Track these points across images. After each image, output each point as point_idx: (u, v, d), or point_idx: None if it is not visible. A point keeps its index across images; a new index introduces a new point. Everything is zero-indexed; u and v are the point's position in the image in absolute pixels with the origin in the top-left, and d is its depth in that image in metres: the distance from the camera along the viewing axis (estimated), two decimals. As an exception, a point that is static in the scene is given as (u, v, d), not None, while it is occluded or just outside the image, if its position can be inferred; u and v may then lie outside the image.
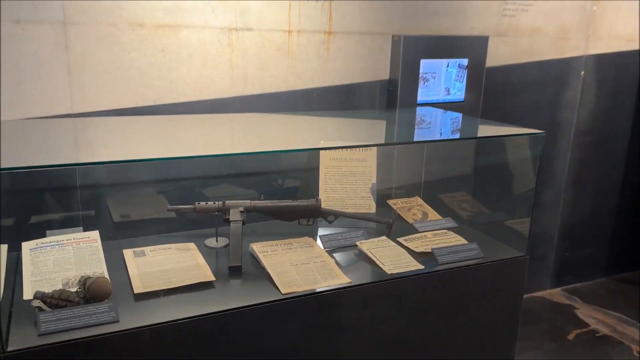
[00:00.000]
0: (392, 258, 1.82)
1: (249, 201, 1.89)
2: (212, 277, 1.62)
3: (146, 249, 1.81)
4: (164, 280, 1.59)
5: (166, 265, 1.69)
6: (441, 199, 2.46)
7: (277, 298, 1.55)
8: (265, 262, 1.73)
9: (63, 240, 1.73)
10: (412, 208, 2.32)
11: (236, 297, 1.56)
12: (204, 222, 2.01)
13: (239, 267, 1.70)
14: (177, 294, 1.55)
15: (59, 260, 1.66)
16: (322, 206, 2.05)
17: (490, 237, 2.11)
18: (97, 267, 1.66)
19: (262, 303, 1.52)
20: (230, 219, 1.83)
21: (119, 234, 1.99)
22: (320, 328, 1.62)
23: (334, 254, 1.86)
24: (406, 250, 1.90)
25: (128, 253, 1.77)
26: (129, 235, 1.99)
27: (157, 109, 2.11)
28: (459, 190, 2.52)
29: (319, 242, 1.91)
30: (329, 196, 2.13)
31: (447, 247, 1.89)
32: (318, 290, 1.61)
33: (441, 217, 2.25)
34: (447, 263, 1.83)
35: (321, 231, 2.05)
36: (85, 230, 1.82)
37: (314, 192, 2.15)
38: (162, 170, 2.10)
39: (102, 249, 1.76)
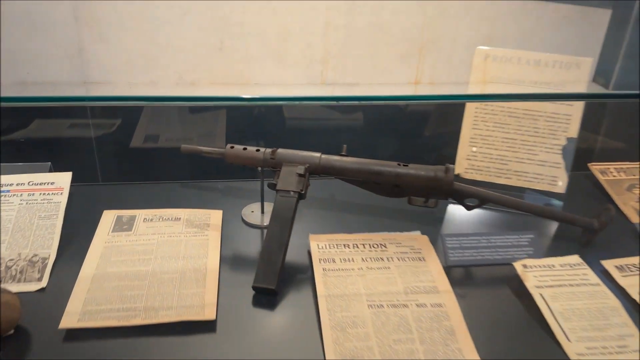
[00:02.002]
0: (589, 320, 0.86)
1: (318, 155, 1.02)
2: (211, 314, 0.84)
3: (143, 213, 1.08)
4: (122, 306, 0.85)
5: (147, 264, 0.94)
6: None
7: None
8: (321, 286, 0.89)
9: (12, 184, 1.07)
10: (637, 184, 1.25)
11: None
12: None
13: (271, 292, 0.89)
14: (134, 338, 0.81)
15: (-7, 222, 1.01)
16: (462, 176, 1.11)
17: None
18: (40, 246, 0.97)
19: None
20: (278, 187, 0.98)
21: (123, 176, 1.28)
22: None
23: (467, 282, 0.95)
24: (623, 296, 0.91)
25: (107, 219, 1.05)
26: (139, 178, 1.27)
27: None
28: None
29: (444, 245, 1.00)
30: (481, 152, 1.16)
31: None
32: (410, 389, 0.75)
33: (696, 213, 1.16)
34: None
35: (453, 219, 1.13)
36: (56, 168, 1.13)
37: (453, 147, 1.20)
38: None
39: (70, 207, 1.07)
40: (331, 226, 1.09)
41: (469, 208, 1.03)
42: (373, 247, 0.98)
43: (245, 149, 1.04)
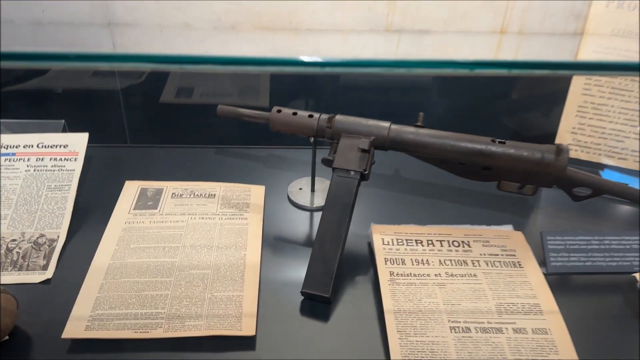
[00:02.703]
0: None
1: (387, 125, 0.80)
2: (250, 329, 0.66)
3: (171, 186, 0.90)
4: (141, 312, 0.68)
5: (174, 254, 0.77)
6: None
7: None
8: (388, 297, 0.70)
9: (19, 146, 0.90)
10: None
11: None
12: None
13: (324, 300, 0.71)
14: (152, 353, 0.65)
15: (-4, 192, 0.85)
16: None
17: None
18: (48, 224, 0.81)
19: None
20: (335, 164, 0.78)
21: (149, 138, 1.10)
22: None
23: (573, 297, 0.74)
24: None
25: (129, 192, 0.88)
26: (168, 140, 1.09)
27: None
28: None
29: (545, 246, 0.79)
30: (591, 125, 0.92)
31: None
32: None
33: None
34: None
35: (550, 209, 0.91)
36: (71, 128, 0.96)
37: (552, 115, 0.96)
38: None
39: (86, 175, 0.90)
40: (395, 212, 0.89)
41: (577, 199, 0.81)
42: (453, 245, 0.78)
43: (295, 113, 0.83)
